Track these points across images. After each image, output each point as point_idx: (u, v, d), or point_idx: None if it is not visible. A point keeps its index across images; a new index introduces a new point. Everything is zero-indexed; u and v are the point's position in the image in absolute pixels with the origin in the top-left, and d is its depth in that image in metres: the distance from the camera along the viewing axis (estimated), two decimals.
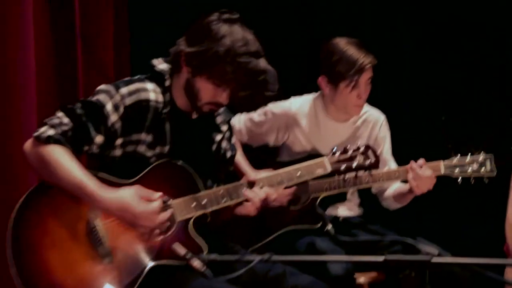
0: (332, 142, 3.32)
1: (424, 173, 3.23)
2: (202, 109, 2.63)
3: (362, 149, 2.90)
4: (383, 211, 3.57)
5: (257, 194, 2.65)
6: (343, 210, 3.52)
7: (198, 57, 2.55)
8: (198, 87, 2.59)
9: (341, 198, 3.49)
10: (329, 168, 2.84)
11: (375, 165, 2.91)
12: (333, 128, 3.45)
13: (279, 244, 3.29)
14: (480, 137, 3.29)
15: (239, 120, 3.48)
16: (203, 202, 2.60)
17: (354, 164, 2.87)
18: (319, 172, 2.83)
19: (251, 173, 3.12)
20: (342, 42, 3.33)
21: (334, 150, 2.88)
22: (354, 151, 2.88)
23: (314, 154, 3.15)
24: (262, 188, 2.67)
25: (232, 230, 2.96)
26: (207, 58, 2.53)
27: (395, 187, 3.48)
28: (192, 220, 2.60)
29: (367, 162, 2.89)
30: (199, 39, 2.57)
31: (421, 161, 3.26)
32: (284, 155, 3.50)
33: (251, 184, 2.68)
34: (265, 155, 3.52)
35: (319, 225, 3.29)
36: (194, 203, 2.59)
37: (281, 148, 3.51)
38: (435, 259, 2.63)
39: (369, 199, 3.60)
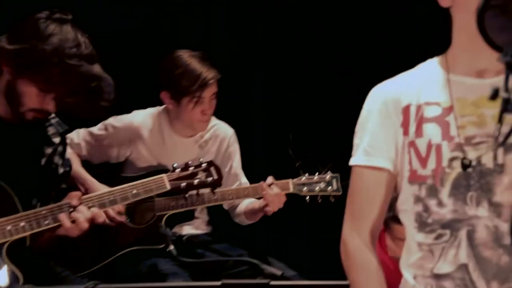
0: (178, 158, 3.15)
1: (273, 191, 3.16)
2: (25, 117, 2.37)
3: (204, 165, 2.77)
4: (235, 228, 3.47)
5: (82, 215, 2.42)
6: (189, 229, 3.36)
7: (20, 56, 2.30)
8: (21, 91, 2.33)
9: (189, 216, 3.35)
10: (167, 186, 2.67)
11: (218, 182, 2.78)
12: (178, 144, 3.30)
13: (120, 267, 3.10)
14: (327, 156, 3.27)
15: (78, 134, 3.25)
16: (21, 225, 2.34)
17: (196, 181, 2.74)
18: (157, 190, 2.66)
19: (93, 188, 2.93)
20: (185, 55, 3.18)
21: (174, 167, 2.73)
22: (195, 167, 2.74)
23: (159, 170, 2.98)
24: (90, 207, 2.48)
25: (62, 253, 2.73)
26: (31, 57, 2.28)
27: (246, 203, 3.37)
28: (5, 246, 2.33)
29: (209, 179, 2.76)
30: (23, 36, 2.32)
31: (269, 179, 3.19)
32: (128, 171, 3.30)
33: (77, 204, 2.45)
34: (109, 170, 3.32)
35: (163, 245, 3.13)
36: (9, 227, 2.33)
37: (124, 163, 3.31)
38: (274, 282, 2.54)
39: (221, 215, 3.48)
